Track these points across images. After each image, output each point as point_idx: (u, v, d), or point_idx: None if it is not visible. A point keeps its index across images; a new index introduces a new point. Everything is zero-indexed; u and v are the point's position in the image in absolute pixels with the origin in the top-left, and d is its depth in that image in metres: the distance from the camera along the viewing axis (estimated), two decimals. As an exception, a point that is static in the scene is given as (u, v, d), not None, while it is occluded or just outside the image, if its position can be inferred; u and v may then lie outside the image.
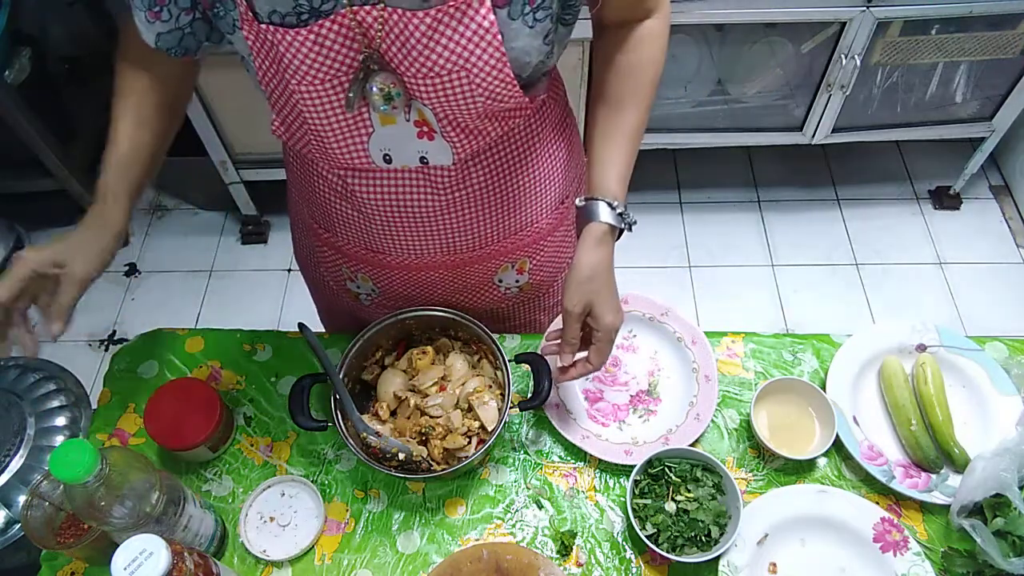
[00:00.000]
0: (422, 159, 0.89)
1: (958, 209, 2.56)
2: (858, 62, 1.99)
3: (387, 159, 0.89)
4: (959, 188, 2.52)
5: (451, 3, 0.70)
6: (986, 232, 2.51)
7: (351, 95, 0.78)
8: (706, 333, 1.12)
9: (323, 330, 1.33)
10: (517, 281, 1.11)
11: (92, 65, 2.40)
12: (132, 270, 2.47)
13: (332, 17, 0.72)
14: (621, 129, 0.92)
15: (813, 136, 2.26)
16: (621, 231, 0.92)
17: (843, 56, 1.99)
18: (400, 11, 0.71)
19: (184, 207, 2.62)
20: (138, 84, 0.91)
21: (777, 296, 2.37)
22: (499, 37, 0.72)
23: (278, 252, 2.50)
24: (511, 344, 1.15)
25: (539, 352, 1.03)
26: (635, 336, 1.15)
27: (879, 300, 2.35)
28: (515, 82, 0.78)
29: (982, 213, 2.56)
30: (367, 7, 0.71)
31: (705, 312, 2.33)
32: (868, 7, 1.88)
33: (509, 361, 1.01)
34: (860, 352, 1.11)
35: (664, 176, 2.64)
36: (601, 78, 0.94)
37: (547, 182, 1.01)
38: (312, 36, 0.73)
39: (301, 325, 1.05)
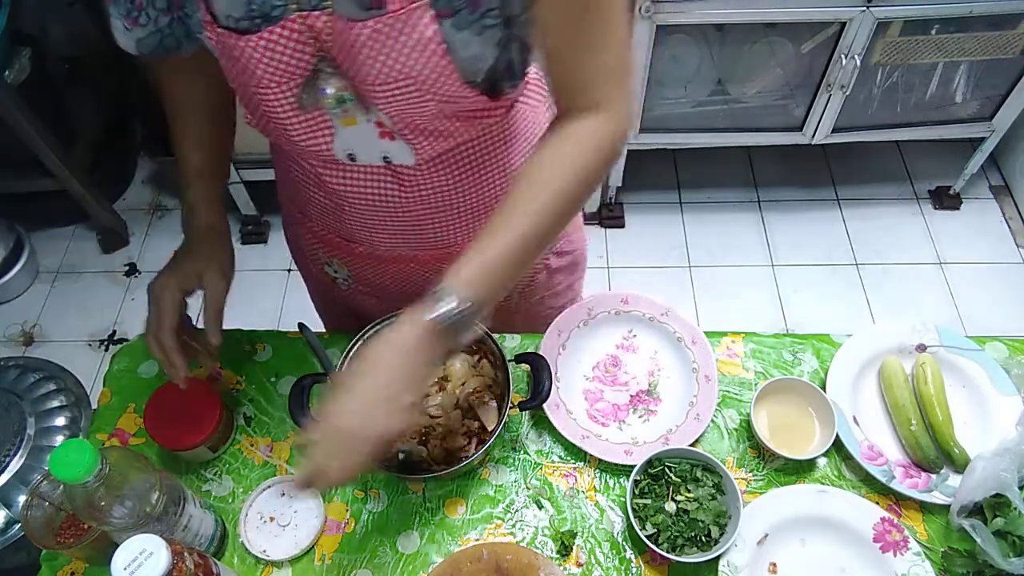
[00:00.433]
0: (385, 159, 0.89)
1: (958, 209, 2.56)
2: (858, 62, 1.99)
3: (351, 158, 0.90)
4: (959, 188, 2.52)
5: (391, 15, 0.70)
6: (986, 232, 2.51)
7: (303, 96, 0.79)
8: (706, 333, 1.12)
9: (322, 329, 1.33)
10: None
11: (92, 65, 2.40)
12: (132, 270, 2.47)
13: (282, 23, 0.73)
14: (510, 225, 0.79)
15: (813, 136, 2.26)
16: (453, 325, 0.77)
17: (843, 56, 1.99)
18: (344, 20, 0.72)
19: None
20: (189, 91, 0.94)
21: (777, 296, 2.37)
22: (443, 47, 0.73)
23: (278, 252, 2.50)
24: (511, 344, 1.15)
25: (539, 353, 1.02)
26: (635, 336, 1.15)
27: (879, 300, 2.35)
28: (467, 88, 0.78)
29: (982, 213, 2.56)
30: (316, 13, 0.72)
31: (705, 312, 2.33)
32: (868, 7, 1.88)
33: (509, 361, 1.00)
34: (860, 352, 1.11)
35: (664, 176, 2.64)
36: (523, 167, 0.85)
37: None
38: (263, 42, 0.74)
39: (301, 325, 1.05)
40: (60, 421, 1.56)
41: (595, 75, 0.79)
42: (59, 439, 1.53)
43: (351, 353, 1.02)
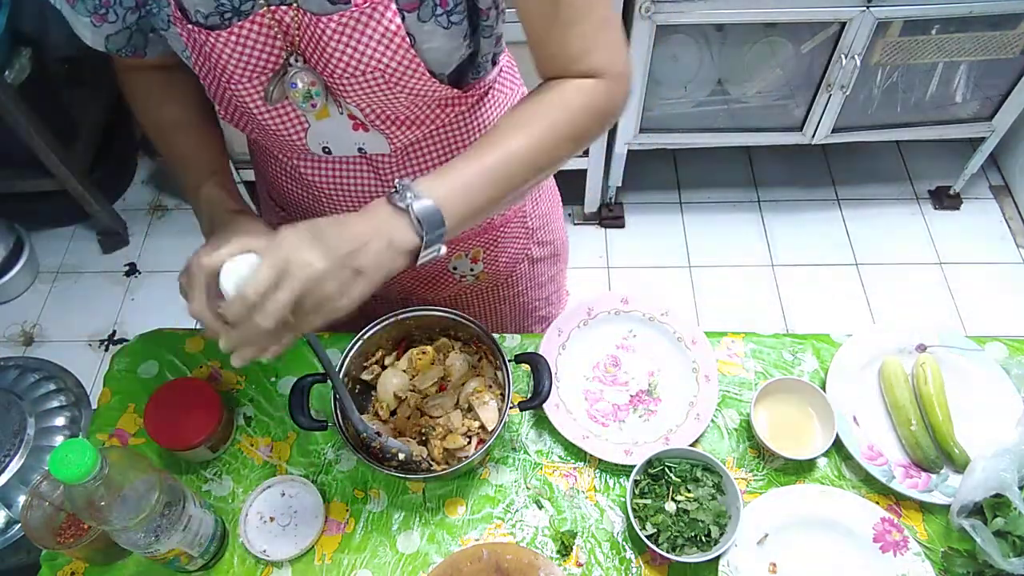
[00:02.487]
0: (360, 149, 0.90)
1: (958, 209, 2.56)
2: (858, 62, 1.99)
3: (326, 150, 0.90)
4: (959, 188, 2.52)
5: (355, 8, 0.71)
6: (986, 232, 2.51)
7: (270, 89, 0.79)
8: (706, 333, 1.12)
9: (323, 329, 1.32)
10: (472, 270, 1.11)
11: (92, 65, 2.40)
12: (132, 270, 2.47)
13: (252, 17, 0.73)
14: (482, 151, 0.76)
15: (813, 136, 2.26)
16: (422, 245, 0.73)
17: (843, 56, 1.99)
18: (310, 14, 0.72)
19: (184, 207, 2.62)
20: (177, 115, 0.92)
21: (777, 296, 2.37)
22: (407, 40, 0.73)
23: (278, 252, 2.50)
24: (511, 344, 1.15)
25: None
26: (635, 336, 1.15)
27: (879, 300, 2.35)
28: (434, 80, 0.78)
29: (982, 213, 2.56)
30: (284, 7, 0.73)
31: (705, 312, 2.33)
32: (868, 7, 1.88)
33: (509, 361, 1.00)
34: (860, 352, 1.11)
35: (664, 176, 2.64)
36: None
37: None
38: (233, 37, 0.74)
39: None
40: (60, 421, 1.56)
41: (583, 47, 0.77)
42: (59, 439, 1.53)
43: (351, 353, 1.02)
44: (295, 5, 0.72)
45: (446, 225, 0.72)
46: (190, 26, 0.75)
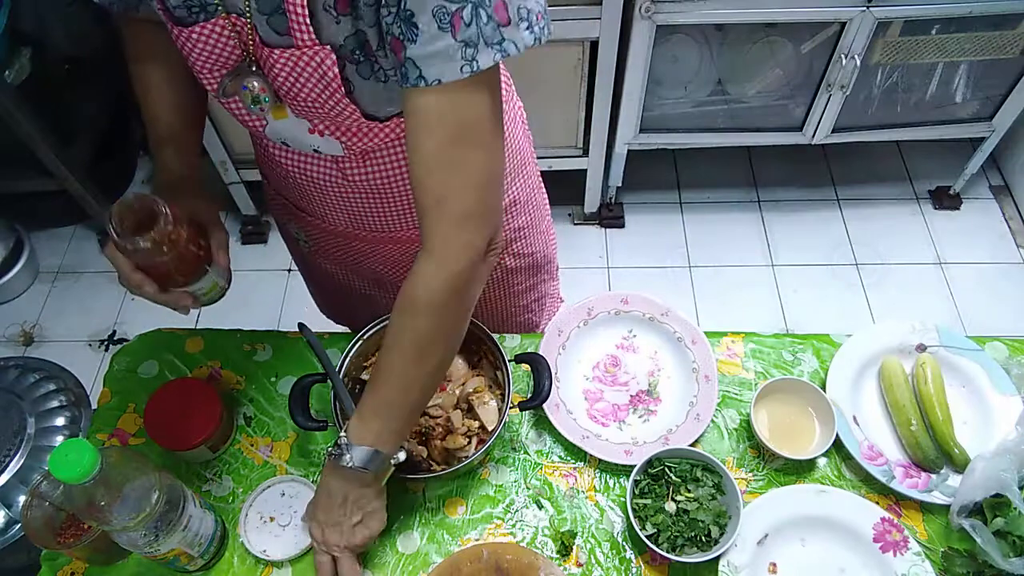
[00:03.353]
0: (315, 150, 0.91)
1: (958, 209, 2.56)
2: (858, 62, 1.99)
3: (286, 145, 0.92)
4: (959, 188, 2.52)
5: (297, 49, 0.73)
6: (986, 232, 2.51)
7: (225, 83, 0.81)
8: (706, 333, 1.12)
9: (322, 329, 1.32)
10: None
11: (92, 65, 2.40)
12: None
13: (214, 20, 0.75)
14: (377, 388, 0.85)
15: (813, 136, 2.26)
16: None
17: (843, 56, 1.99)
18: (259, 38, 0.75)
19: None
20: (158, 75, 0.93)
21: (777, 296, 2.37)
22: (342, 89, 0.76)
23: (278, 252, 2.50)
24: (511, 344, 1.15)
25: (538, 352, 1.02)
26: (635, 336, 1.15)
27: (879, 300, 2.35)
28: (369, 120, 0.81)
29: (982, 213, 2.56)
30: (242, 20, 0.75)
31: (705, 312, 2.33)
32: (868, 7, 1.88)
33: (509, 361, 1.01)
34: (860, 352, 1.11)
35: (664, 176, 2.64)
36: None
37: None
38: (194, 35, 0.76)
39: (301, 325, 1.05)
40: (60, 421, 1.56)
41: (428, 204, 0.74)
42: (59, 439, 1.53)
43: (351, 353, 1.02)
44: (250, 23, 0.74)
45: (385, 451, 0.86)
46: (161, 11, 0.77)
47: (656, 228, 2.53)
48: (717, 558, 0.93)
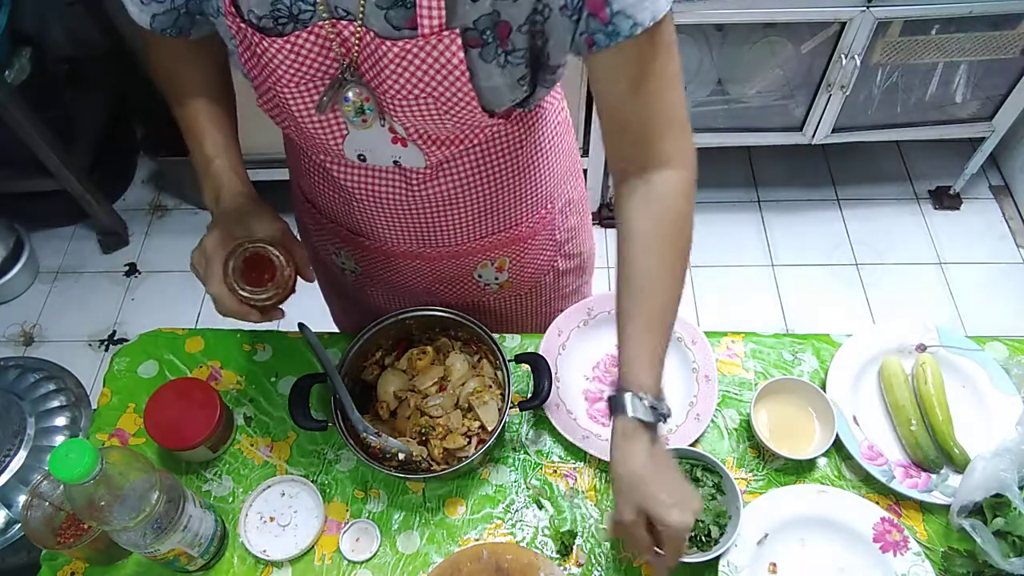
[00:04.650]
0: (395, 162, 0.90)
1: (958, 209, 2.56)
2: (858, 62, 1.99)
3: (362, 158, 0.90)
4: (959, 188, 2.52)
5: (421, 38, 0.70)
6: (986, 232, 2.51)
7: (324, 99, 0.79)
8: (706, 333, 1.12)
9: (323, 329, 1.32)
10: (497, 278, 1.11)
11: (92, 65, 2.40)
12: (132, 270, 2.47)
13: (310, 28, 0.73)
14: (646, 315, 0.82)
15: (813, 136, 2.26)
16: (657, 421, 0.82)
17: (843, 56, 1.99)
18: (373, 34, 0.72)
19: (184, 207, 2.62)
20: (196, 74, 0.91)
21: (777, 296, 2.37)
22: (467, 74, 0.74)
23: (278, 252, 2.50)
24: (511, 344, 1.15)
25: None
26: (635, 336, 1.15)
27: (879, 300, 2.35)
28: (484, 113, 0.79)
29: (982, 213, 2.56)
30: (344, 22, 0.72)
31: (705, 312, 2.33)
32: (868, 7, 1.88)
33: (509, 361, 1.01)
34: (860, 352, 1.11)
35: (664, 176, 2.64)
36: (623, 254, 0.84)
37: (528, 187, 1.01)
38: (288, 46, 0.74)
39: (301, 325, 1.05)
40: (60, 421, 1.56)
41: (662, 131, 0.81)
42: (59, 439, 1.53)
43: (351, 353, 1.02)
44: (358, 22, 0.72)
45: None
46: (242, 24, 0.74)
47: (656, 228, 2.53)
48: (717, 558, 0.93)
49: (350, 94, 0.78)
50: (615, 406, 0.82)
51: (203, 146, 0.90)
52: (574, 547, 0.97)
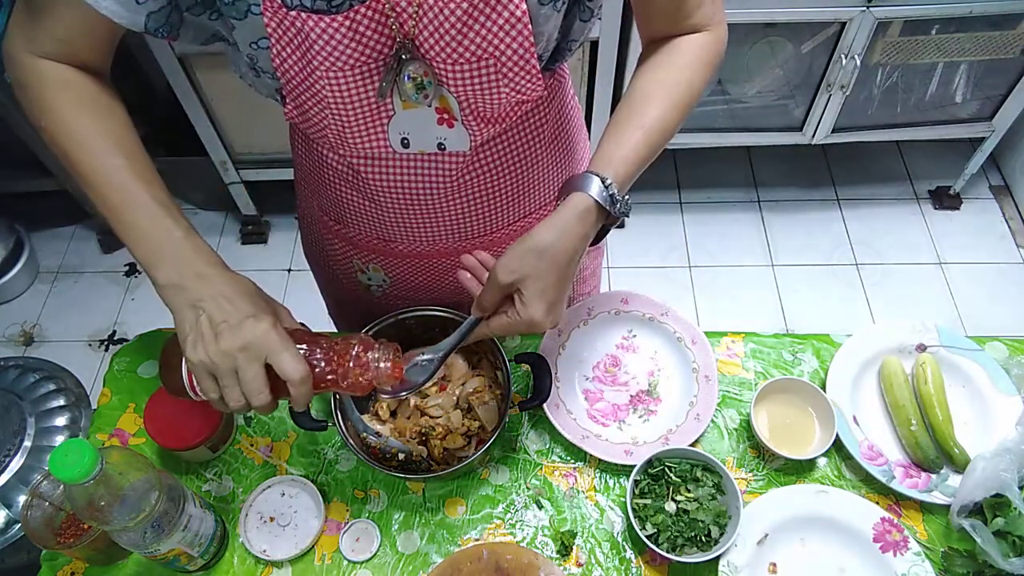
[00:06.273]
0: (440, 145, 0.89)
1: (958, 209, 2.56)
2: (858, 62, 1.99)
3: (405, 143, 0.88)
4: (959, 188, 2.52)
5: None
6: (986, 232, 2.51)
7: (384, 84, 0.77)
8: (706, 333, 1.12)
9: (321, 329, 1.32)
10: None
11: (92, 65, 2.40)
12: (132, 270, 2.47)
13: (367, 3, 0.70)
14: (636, 120, 0.83)
15: (813, 136, 2.26)
16: (609, 223, 0.83)
17: (843, 56, 1.99)
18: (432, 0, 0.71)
19: (184, 207, 2.62)
20: (104, 130, 0.84)
21: (777, 296, 2.37)
22: (529, 26, 0.73)
23: (278, 252, 2.50)
24: (511, 344, 1.15)
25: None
26: (635, 336, 1.15)
27: (879, 300, 2.35)
28: (539, 71, 0.78)
29: (982, 213, 2.56)
30: None
31: (705, 312, 2.33)
32: (868, 7, 1.88)
33: (509, 361, 1.00)
34: (860, 352, 1.11)
35: (664, 176, 2.64)
36: (632, 81, 0.88)
37: (557, 163, 1.02)
38: (347, 23, 0.71)
39: (301, 325, 1.05)
40: (60, 421, 1.56)
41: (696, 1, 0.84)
42: (59, 439, 1.53)
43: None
44: None
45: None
46: (289, 12, 0.71)
47: (656, 228, 2.53)
48: (717, 558, 0.93)
49: (408, 74, 0.77)
50: (577, 184, 0.80)
51: (156, 214, 0.82)
52: (574, 547, 0.97)
